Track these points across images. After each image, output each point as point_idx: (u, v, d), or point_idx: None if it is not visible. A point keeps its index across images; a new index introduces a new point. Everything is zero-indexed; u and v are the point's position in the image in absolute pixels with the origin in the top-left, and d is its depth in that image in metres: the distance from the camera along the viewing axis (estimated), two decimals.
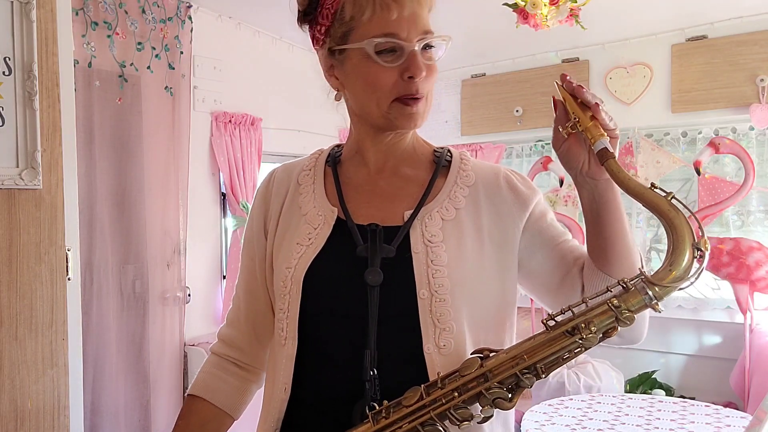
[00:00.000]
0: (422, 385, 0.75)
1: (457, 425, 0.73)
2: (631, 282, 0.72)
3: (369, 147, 0.93)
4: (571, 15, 2.34)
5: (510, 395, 0.73)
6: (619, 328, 0.72)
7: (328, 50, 0.88)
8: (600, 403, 2.47)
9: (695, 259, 0.70)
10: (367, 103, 0.86)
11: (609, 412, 2.34)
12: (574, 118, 0.77)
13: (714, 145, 3.00)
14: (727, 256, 2.97)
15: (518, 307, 0.94)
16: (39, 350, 1.52)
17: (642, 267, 0.82)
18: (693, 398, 2.88)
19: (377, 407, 0.76)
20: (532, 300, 3.82)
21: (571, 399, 2.55)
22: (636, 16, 3.15)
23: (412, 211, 0.88)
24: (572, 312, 0.73)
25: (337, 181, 0.93)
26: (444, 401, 0.73)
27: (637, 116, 3.42)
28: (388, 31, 0.81)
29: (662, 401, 2.49)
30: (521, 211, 0.89)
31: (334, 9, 0.84)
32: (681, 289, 0.71)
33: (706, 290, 3.34)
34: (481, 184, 0.91)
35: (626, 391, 3.18)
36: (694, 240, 0.70)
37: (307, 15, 0.89)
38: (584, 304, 0.74)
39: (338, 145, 1.00)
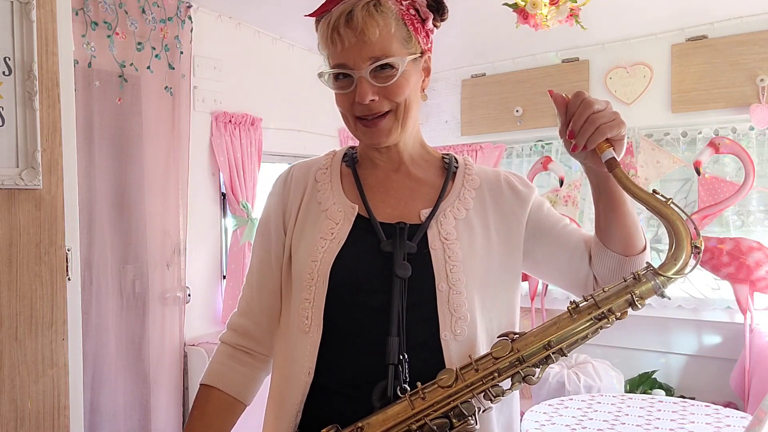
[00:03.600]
0: (456, 367, 0.83)
1: (491, 400, 0.82)
2: (642, 273, 0.83)
3: (374, 154, 1.02)
4: (571, 15, 2.34)
5: (537, 371, 0.83)
6: (629, 312, 0.83)
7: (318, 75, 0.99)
8: (600, 403, 2.48)
9: (692, 254, 0.81)
10: (344, 121, 0.99)
11: (609, 412, 2.34)
12: None
13: (714, 145, 3.00)
14: (727, 256, 2.97)
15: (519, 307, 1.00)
16: (39, 350, 1.52)
17: (646, 245, 0.95)
18: (693, 398, 2.88)
19: (409, 389, 0.84)
20: (532, 299, 3.80)
21: (571, 399, 2.55)
22: (636, 16, 3.15)
23: (428, 210, 0.97)
24: (594, 299, 0.83)
25: (358, 180, 1.02)
26: (484, 382, 0.82)
27: (637, 116, 3.42)
28: (337, 62, 0.92)
29: (662, 401, 2.49)
30: (522, 208, 1.00)
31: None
32: (679, 277, 0.83)
33: (706, 290, 3.34)
34: (486, 187, 1.01)
35: (626, 391, 3.18)
36: (691, 238, 0.81)
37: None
38: (603, 291, 0.83)
39: (352, 147, 1.09)
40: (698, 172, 3.05)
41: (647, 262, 0.85)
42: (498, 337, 0.85)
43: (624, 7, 3.03)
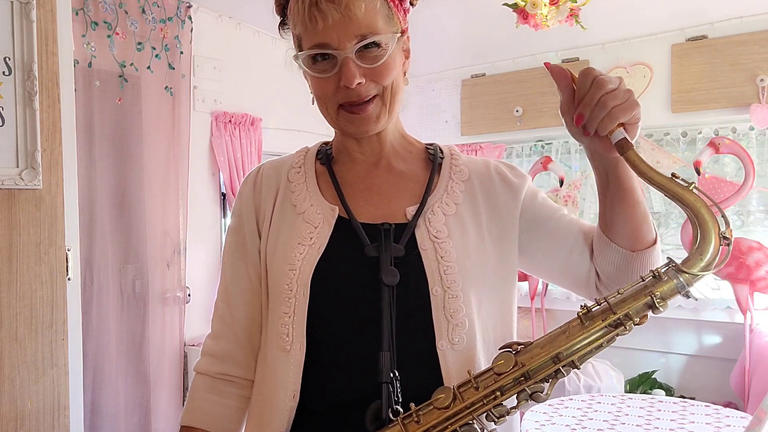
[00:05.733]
0: (453, 386, 0.74)
1: (495, 422, 0.73)
2: (663, 271, 0.73)
3: (353, 147, 0.93)
4: (571, 15, 2.34)
5: (545, 387, 0.73)
6: (650, 315, 0.73)
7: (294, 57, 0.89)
8: (600, 403, 2.47)
9: (721, 247, 0.71)
10: (321, 111, 0.88)
11: (609, 412, 2.34)
12: None
13: (714, 145, 3.00)
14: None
15: (518, 307, 0.94)
16: (39, 350, 1.52)
17: (657, 239, 0.84)
18: (693, 398, 2.88)
19: (401, 410, 0.74)
20: (532, 299, 3.78)
21: (571, 399, 2.55)
22: (636, 16, 3.15)
23: (414, 207, 0.88)
24: (608, 303, 0.73)
25: (334, 179, 0.92)
26: (485, 402, 0.72)
27: None
28: (317, 42, 0.82)
29: (662, 401, 2.49)
30: (515, 200, 0.91)
31: (290, 22, 0.88)
32: (705, 274, 0.72)
33: (706, 290, 3.34)
34: (476, 179, 0.92)
35: (626, 391, 3.18)
36: (719, 228, 0.71)
37: (283, 24, 0.92)
38: (618, 294, 0.73)
39: (325, 143, 0.99)
40: (698, 172, 3.05)
41: (669, 257, 0.74)
42: (500, 348, 0.75)
43: (624, 7, 3.03)
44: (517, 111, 3.78)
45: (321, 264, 0.84)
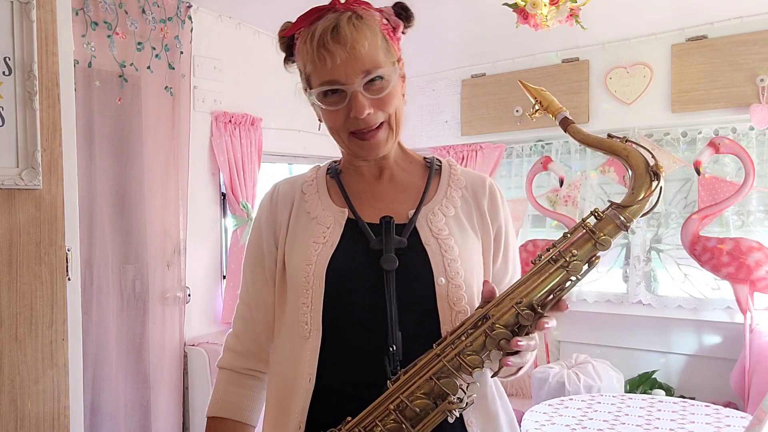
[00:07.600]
0: (434, 344, 0.83)
1: (469, 373, 0.79)
2: (603, 212, 0.82)
3: (360, 163, 1.04)
4: (571, 15, 2.34)
5: (509, 334, 0.80)
6: (599, 254, 0.81)
7: (304, 90, 1.01)
8: (600, 403, 2.48)
9: (653, 182, 0.81)
10: (334, 138, 1.01)
11: (609, 412, 2.34)
12: (536, 100, 0.92)
13: (714, 145, 3.00)
14: (727, 256, 2.97)
15: None
16: (39, 350, 1.52)
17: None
18: (693, 398, 2.88)
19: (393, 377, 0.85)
20: None
21: (571, 399, 2.55)
22: (636, 16, 3.15)
23: (415, 209, 0.99)
24: (555, 247, 0.82)
25: (342, 188, 1.03)
26: (453, 347, 0.80)
27: (637, 116, 3.41)
28: (327, 79, 0.92)
29: (662, 401, 2.49)
30: (495, 217, 1.03)
31: (298, 61, 1.00)
32: (646, 213, 0.82)
33: (706, 290, 3.34)
34: (471, 187, 1.04)
35: (626, 391, 3.18)
36: (649, 166, 0.80)
37: (287, 60, 1.06)
38: (564, 238, 0.82)
39: (335, 161, 1.11)
40: (698, 172, 3.05)
41: (609, 200, 0.84)
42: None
43: (624, 7, 3.03)
44: (517, 111, 3.78)
45: (334, 258, 0.95)
